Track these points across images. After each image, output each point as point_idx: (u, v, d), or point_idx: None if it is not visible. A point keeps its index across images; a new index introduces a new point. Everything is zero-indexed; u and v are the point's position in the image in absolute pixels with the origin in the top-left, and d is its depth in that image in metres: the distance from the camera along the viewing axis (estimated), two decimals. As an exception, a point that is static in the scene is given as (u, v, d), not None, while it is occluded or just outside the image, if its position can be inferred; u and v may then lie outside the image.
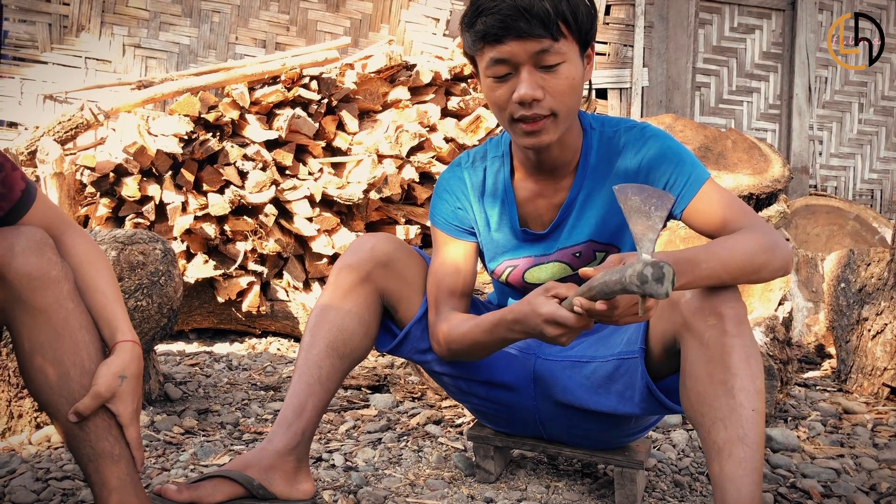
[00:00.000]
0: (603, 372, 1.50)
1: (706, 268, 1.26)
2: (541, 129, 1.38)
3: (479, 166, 1.60)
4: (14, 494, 1.61)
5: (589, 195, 1.51)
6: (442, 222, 1.62)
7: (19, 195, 1.28)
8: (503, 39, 1.32)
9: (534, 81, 1.34)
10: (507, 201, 1.57)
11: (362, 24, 5.69)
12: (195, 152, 3.42)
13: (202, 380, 2.73)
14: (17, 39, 5.20)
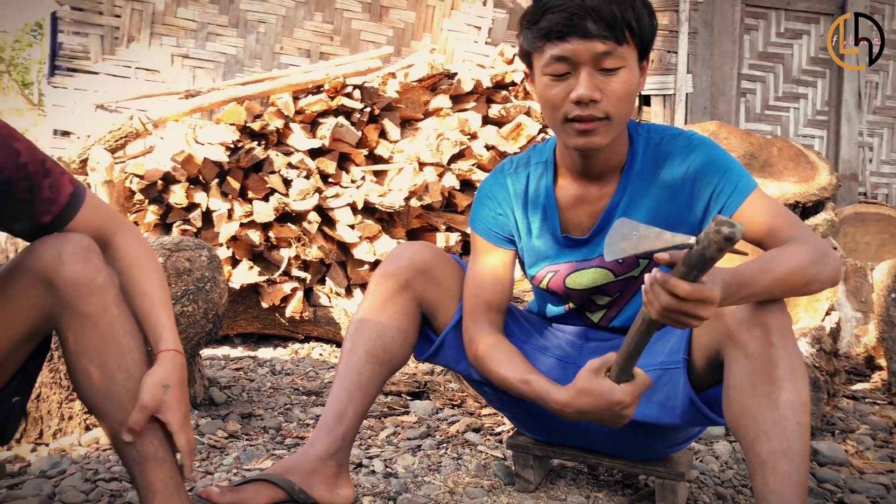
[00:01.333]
0: None
1: (761, 285, 1.25)
2: (594, 130, 1.38)
3: (521, 173, 1.60)
4: (64, 494, 1.65)
5: (632, 200, 1.51)
6: (482, 228, 1.62)
7: (67, 199, 1.31)
8: (567, 37, 1.33)
9: (592, 82, 1.34)
10: (548, 207, 1.57)
11: (405, 33, 5.74)
12: (241, 160, 3.48)
13: (246, 384, 2.77)
14: (71, 51, 5.36)
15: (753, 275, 1.25)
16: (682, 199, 1.48)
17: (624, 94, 1.37)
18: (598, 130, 1.38)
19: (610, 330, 1.64)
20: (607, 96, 1.36)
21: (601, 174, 1.51)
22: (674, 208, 1.49)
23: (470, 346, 1.57)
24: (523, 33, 1.42)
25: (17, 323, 1.31)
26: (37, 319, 1.31)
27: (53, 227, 1.32)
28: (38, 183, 1.26)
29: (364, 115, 3.72)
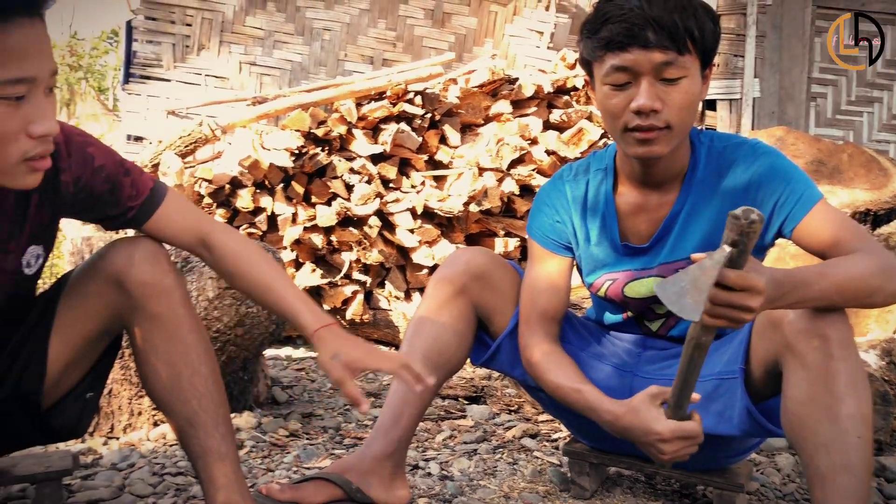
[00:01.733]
0: (702, 391, 1.47)
1: (817, 289, 1.23)
2: (654, 139, 1.37)
3: (581, 179, 1.60)
4: (133, 486, 1.72)
5: (694, 209, 1.49)
6: (539, 235, 1.63)
7: (148, 193, 1.36)
8: (627, 48, 1.32)
9: (653, 92, 1.34)
10: (607, 214, 1.56)
11: (467, 38, 5.77)
12: (305, 166, 3.56)
13: (307, 384, 2.83)
14: (145, 59, 5.56)
15: (810, 277, 1.23)
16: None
17: (685, 104, 1.36)
18: (658, 139, 1.37)
19: (668, 339, 1.63)
20: (668, 106, 1.35)
21: (662, 182, 1.50)
22: None
23: (524, 352, 1.58)
24: (583, 42, 1.42)
25: (91, 322, 1.38)
26: (109, 319, 1.38)
27: (137, 221, 1.37)
28: (118, 182, 1.32)
29: (425, 120, 3.76)
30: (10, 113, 1.05)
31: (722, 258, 1.07)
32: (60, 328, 1.37)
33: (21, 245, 1.29)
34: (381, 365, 1.32)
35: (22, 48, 1.04)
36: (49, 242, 1.36)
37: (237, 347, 2.17)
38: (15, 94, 1.05)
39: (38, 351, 1.36)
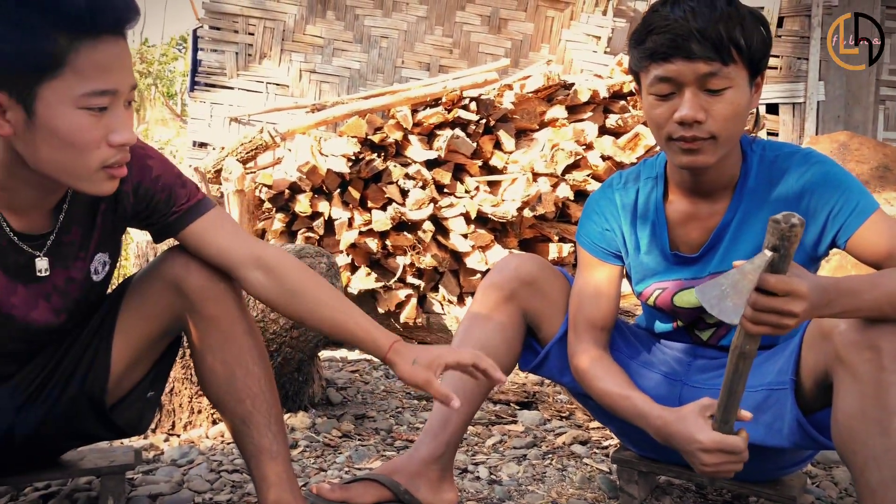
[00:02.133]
0: (751, 402, 1.46)
1: (867, 298, 1.21)
2: (698, 149, 1.36)
3: (631, 187, 1.60)
4: (191, 482, 1.79)
5: (745, 219, 1.48)
6: (588, 243, 1.63)
7: (194, 203, 1.39)
8: (671, 58, 1.32)
9: (697, 103, 1.33)
10: (658, 223, 1.56)
11: (523, 44, 5.78)
12: (361, 171, 3.62)
13: (361, 386, 2.88)
14: (209, 67, 5.72)
15: (860, 286, 1.21)
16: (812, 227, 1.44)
17: (730, 115, 1.34)
18: (703, 149, 1.36)
19: (719, 348, 1.61)
20: (713, 117, 1.34)
21: (712, 191, 1.49)
22: None
23: (572, 360, 1.59)
24: (630, 52, 1.42)
25: (152, 323, 1.44)
26: (168, 320, 1.44)
27: (175, 226, 1.39)
28: (175, 192, 1.38)
29: (479, 126, 3.78)
30: (94, 123, 1.13)
31: (763, 263, 1.07)
32: (123, 329, 1.43)
33: (89, 253, 1.36)
34: (458, 358, 1.34)
35: (108, 63, 1.11)
36: (115, 250, 1.42)
37: (292, 349, 2.22)
38: (99, 105, 1.12)
39: (103, 350, 1.42)
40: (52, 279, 1.32)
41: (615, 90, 4.05)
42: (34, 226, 1.27)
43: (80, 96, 1.10)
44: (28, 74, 1.08)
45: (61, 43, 1.08)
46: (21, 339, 1.35)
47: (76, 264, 1.34)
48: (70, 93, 1.10)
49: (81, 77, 1.10)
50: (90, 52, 1.09)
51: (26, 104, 1.10)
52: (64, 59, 1.08)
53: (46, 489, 1.74)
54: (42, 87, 1.09)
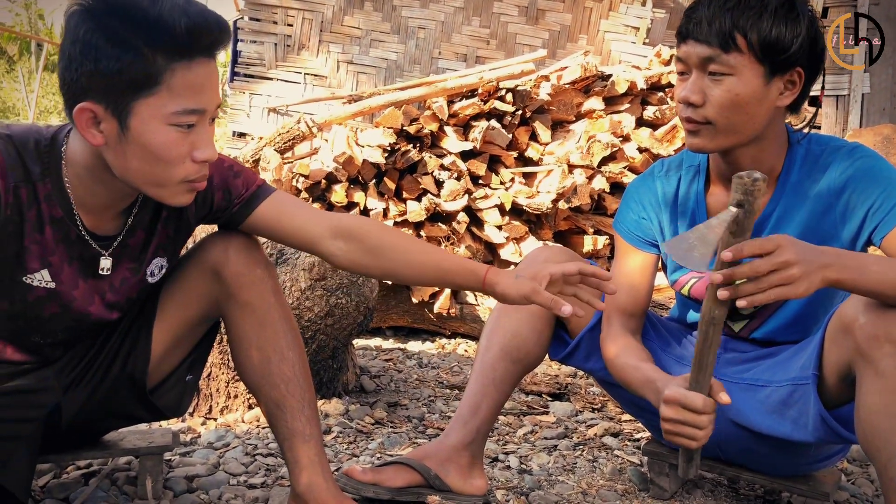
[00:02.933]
0: (777, 397, 1.45)
1: (876, 271, 1.19)
2: (696, 132, 1.40)
3: (673, 176, 1.60)
4: (227, 465, 1.83)
5: (785, 212, 1.47)
6: (625, 230, 1.64)
7: (255, 189, 1.43)
8: (686, 39, 1.37)
9: (697, 86, 1.36)
10: (697, 212, 1.56)
11: (560, 35, 5.74)
12: (397, 162, 3.64)
13: (394, 374, 2.90)
14: (248, 58, 5.79)
15: (868, 259, 1.20)
16: (835, 214, 1.42)
17: (727, 103, 1.35)
18: (700, 133, 1.39)
19: (750, 341, 1.60)
20: (709, 102, 1.36)
21: None
22: (826, 223, 1.43)
23: (603, 346, 1.59)
24: None
25: (191, 308, 1.48)
26: (207, 306, 1.47)
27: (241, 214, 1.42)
28: (231, 185, 1.41)
29: (515, 117, 3.77)
30: (181, 139, 1.17)
31: (728, 216, 1.11)
32: (164, 314, 1.47)
33: (148, 256, 1.40)
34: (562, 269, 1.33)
35: (199, 83, 1.16)
36: (173, 255, 1.46)
37: (327, 336, 2.26)
38: (188, 123, 1.16)
39: (145, 335, 1.46)
40: (111, 278, 1.37)
41: (653, 81, 4.01)
42: (104, 226, 1.32)
43: (171, 114, 1.15)
44: (126, 90, 1.13)
45: (159, 62, 1.12)
46: (74, 328, 1.40)
47: (135, 266, 1.39)
48: (163, 110, 1.14)
49: (175, 96, 1.14)
50: (185, 72, 1.14)
51: (121, 118, 1.15)
52: (160, 78, 1.12)
53: (88, 468, 1.79)
54: (137, 102, 1.14)
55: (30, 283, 1.28)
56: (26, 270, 1.27)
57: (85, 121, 1.16)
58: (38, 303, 1.31)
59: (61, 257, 1.29)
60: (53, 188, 1.25)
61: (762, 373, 1.51)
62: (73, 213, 1.28)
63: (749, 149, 1.44)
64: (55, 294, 1.31)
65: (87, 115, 1.15)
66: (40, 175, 1.23)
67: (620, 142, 3.80)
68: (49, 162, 1.24)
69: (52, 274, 1.29)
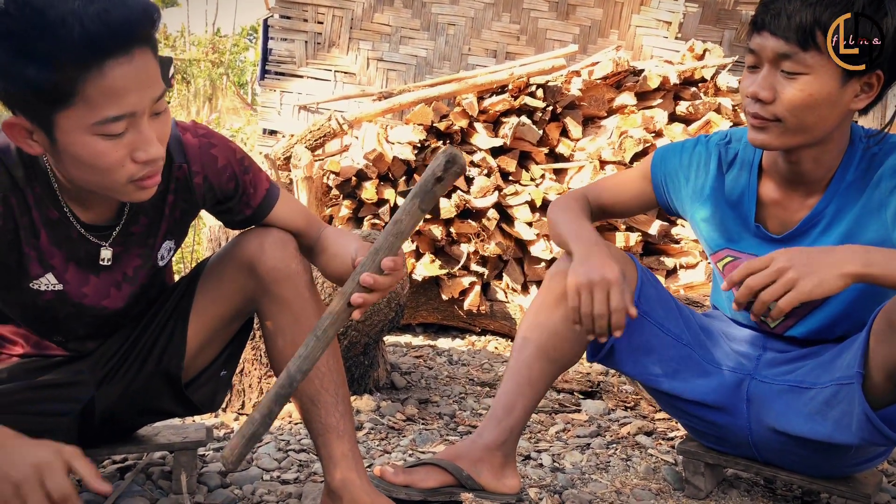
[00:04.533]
0: (821, 398, 1.41)
1: None
2: (763, 128, 1.35)
3: (733, 147, 1.57)
4: (259, 460, 1.84)
5: (838, 211, 1.43)
6: (658, 162, 1.64)
7: (264, 193, 1.45)
8: (760, 31, 1.32)
9: (768, 81, 1.31)
10: (748, 207, 1.53)
11: (591, 30, 5.70)
12: (427, 159, 3.64)
13: (425, 371, 2.90)
14: (279, 56, 5.82)
15: None
16: (887, 216, 1.38)
17: (799, 103, 1.30)
18: (767, 129, 1.35)
19: (788, 340, 1.57)
20: (780, 100, 1.31)
21: (806, 183, 1.46)
22: (877, 225, 1.40)
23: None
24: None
25: (225, 304, 1.48)
26: (241, 301, 1.48)
27: (254, 219, 1.47)
28: (240, 180, 1.41)
29: (546, 113, 3.75)
30: (113, 146, 1.10)
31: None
32: (198, 309, 1.48)
33: (158, 241, 1.40)
34: None
35: (117, 87, 1.06)
36: (180, 237, 1.47)
37: (358, 333, 2.26)
38: (114, 132, 1.09)
39: (179, 330, 1.47)
40: (122, 268, 1.37)
41: (686, 76, 3.96)
42: (101, 217, 1.31)
43: (92, 125, 1.08)
44: (41, 105, 1.07)
45: (69, 73, 1.04)
46: (93, 324, 1.41)
47: (144, 252, 1.39)
48: (84, 121, 1.08)
49: (92, 106, 1.06)
50: (97, 79, 1.05)
51: (47, 131, 1.10)
52: (74, 90, 1.05)
53: (123, 462, 1.81)
54: (57, 116, 1.07)
55: (37, 289, 1.29)
56: (31, 277, 1.27)
57: (16, 133, 1.12)
58: (51, 306, 1.32)
59: (63, 258, 1.29)
60: (42, 190, 1.23)
61: (806, 374, 1.47)
62: (67, 212, 1.26)
63: (814, 150, 1.40)
64: (64, 295, 1.32)
65: (17, 128, 1.11)
66: (25, 179, 1.21)
67: (653, 137, 3.76)
68: (32, 164, 1.22)
69: (56, 276, 1.29)
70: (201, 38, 16.56)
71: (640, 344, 1.59)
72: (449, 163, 1.11)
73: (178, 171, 1.35)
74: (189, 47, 16.17)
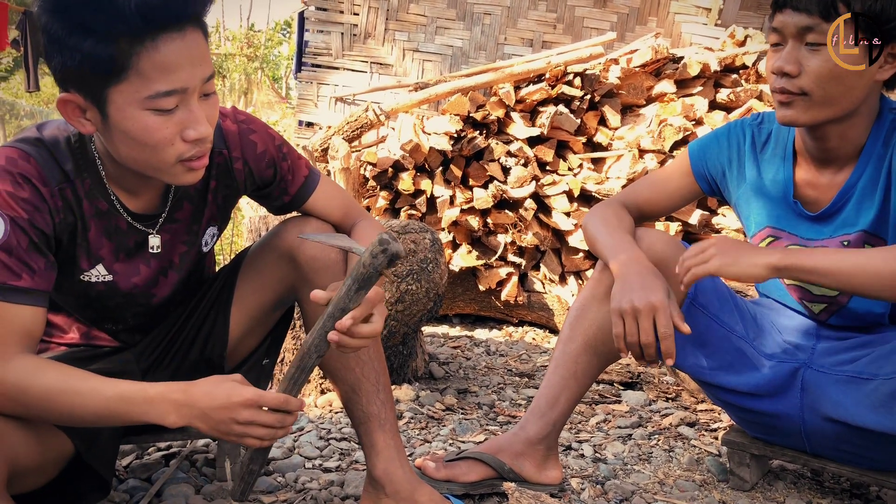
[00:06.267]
0: (886, 390, 1.37)
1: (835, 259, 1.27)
2: (790, 103, 1.35)
3: (765, 128, 1.57)
4: (302, 448, 1.85)
5: (868, 182, 1.41)
6: (696, 152, 1.63)
7: (302, 180, 1.46)
8: (783, 8, 1.33)
9: (793, 56, 1.32)
10: (784, 171, 1.51)
11: (629, 18, 5.62)
12: (463, 149, 3.63)
13: (463, 361, 2.90)
14: (316, 48, 5.84)
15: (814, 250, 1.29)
16: None
17: (824, 74, 1.30)
18: (794, 104, 1.35)
19: (840, 328, 1.54)
20: (806, 73, 1.31)
21: (835, 158, 1.44)
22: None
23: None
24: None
25: (266, 293, 1.49)
26: (282, 290, 1.49)
27: (292, 205, 1.48)
28: (278, 166, 1.42)
29: (584, 102, 3.71)
30: (164, 122, 1.12)
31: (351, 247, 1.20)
32: (240, 299, 1.49)
33: (202, 227, 1.42)
34: None
35: (170, 62, 1.08)
36: (223, 223, 1.48)
37: (397, 322, 2.26)
38: (165, 107, 1.11)
39: (222, 319, 1.49)
40: (169, 255, 1.38)
41: (727, 63, 3.89)
42: (147, 205, 1.33)
43: (145, 98, 1.09)
44: (95, 79, 1.09)
45: (123, 47, 1.06)
46: (143, 313, 1.43)
47: (189, 238, 1.40)
48: (136, 95, 1.09)
49: (145, 80, 1.08)
50: (151, 53, 1.07)
51: (99, 106, 1.12)
52: (128, 63, 1.07)
53: (168, 450, 1.84)
54: (110, 90, 1.10)
55: (88, 280, 1.31)
56: (81, 269, 1.29)
57: (70, 111, 1.14)
58: (101, 297, 1.34)
59: (111, 249, 1.31)
60: (92, 181, 1.25)
61: (866, 365, 1.43)
62: (116, 202, 1.28)
63: (840, 125, 1.39)
64: (114, 286, 1.33)
65: (71, 105, 1.13)
66: (75, 171, 1.23)
67: (693, 125, 3.70)
68: (82, 156, 1.24)
69: (106, 267, 1.31)
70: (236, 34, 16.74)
71: (694, 336, 1.56)
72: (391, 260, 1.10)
73: (219, 158, 1.36)
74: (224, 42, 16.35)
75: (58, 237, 1.22)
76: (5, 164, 1.16)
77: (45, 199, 1.18)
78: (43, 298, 1.18)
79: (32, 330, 1.16)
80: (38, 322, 1.17)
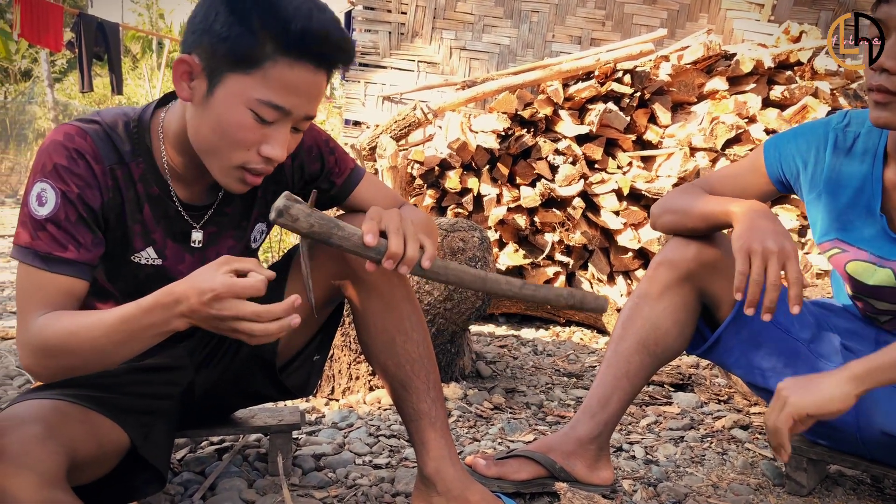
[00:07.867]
0: None
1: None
2: (885, 104, 1.24)
3: (852, 131, 1.45)
4: (352, 445, 1.86)
5: None
6: (771, 152, 1.52)
7: (349, 172, 1.48)
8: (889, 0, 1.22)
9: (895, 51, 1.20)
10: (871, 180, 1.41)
11: (679, 14, 5.54)
12: (510, 147, 3.61)
13: (510, 361, 2.89)
14: (363, 47, 5.88)
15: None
16: None
17: None
18: (889, 105, 1.24)
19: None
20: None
21: None
22: None
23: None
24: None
25: (317, 290, 1.50)
26: (332, 288, 1.49)
27: (338, 198, 1.49)
28: (326, 159, 1.45)
29: (634, 99, 3.67)
30: (255, 127, 1.17)
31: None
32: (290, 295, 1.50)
33: (251, 223, 1.43)
34: None
35: (295, 85, 1.15)
36: None
37: (446, 321, 2.26)
38: (266, 117, 1.17)
39: (273, 316, 1.49)
40: (217, 248, 1.40)
41: (781, 60, 3.80)
42: (198, 196, 1.36)
43: (255, 99, 1.15)
44: (225, 59, 1.14)
45: (266, 48, 1.12)
46: None
47: (237, 233, 1.42)
48: (250, 92, 1.14)
49: (266, 85, 1.14)
50: (285, 68, 1.13)
51: (211, 81, 1.17)
52: (261, 63, 1.13)
53: (220, 443, 1.86)
54: (231, 75, 1.15)
55: (138, 262, 1.33)
56: (134, 250, 1.32)
57: (181, 72, 1.18)
58: (149, 281, 1.35)
59: (163, 234, 1.33)
60: (146, 166, 1.28)
61: None
62: (168, 188, 1.31)
63: None
64: (163, 270, 1.35)
65: (185, 67, 1.17)
66: (131, 154, 1.27)
67: (746, 123, 3.63)
68: (139, 140, 1.28)
69: (157, 251, 1.34)
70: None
71: (750, 337, 1.52)
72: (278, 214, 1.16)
73: None
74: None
75: (105, 215, 1.26)
76: (63, 139, 1.21)
77: (96, 177, 1.23)
78: (86, 271, 1.22)
79: (70, 299, 1.20)
80: (76, 293, 1.21)
